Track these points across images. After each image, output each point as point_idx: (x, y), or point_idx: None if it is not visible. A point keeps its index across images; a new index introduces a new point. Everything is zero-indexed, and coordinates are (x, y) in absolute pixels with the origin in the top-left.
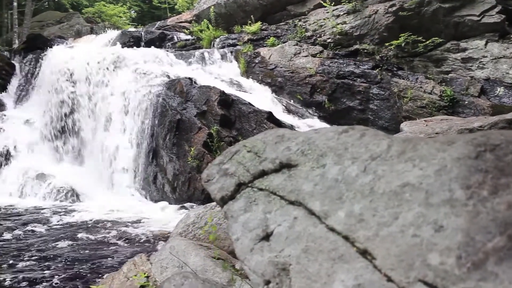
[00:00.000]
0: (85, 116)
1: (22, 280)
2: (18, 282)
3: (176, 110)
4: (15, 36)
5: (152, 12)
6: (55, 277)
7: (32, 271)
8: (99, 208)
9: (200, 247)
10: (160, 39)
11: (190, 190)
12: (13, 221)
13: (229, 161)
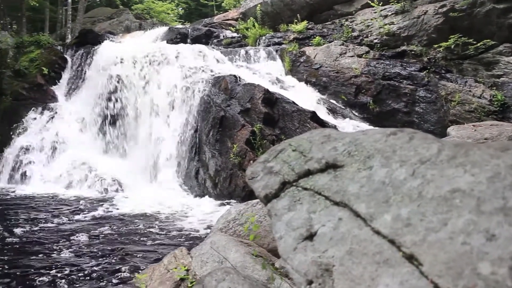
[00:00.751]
0: (131, 110)
1: (67, 268)
2: (63, 269)
3: (220, 106)
4: (68, 31)
5: (199, 9)
6: (99, 266)
7: (77, 258)
8: (141, 200)
9: (240, 243)
10: (207, 36)
11: (231, 186)
12: (59, 209)
13: (274, 160)
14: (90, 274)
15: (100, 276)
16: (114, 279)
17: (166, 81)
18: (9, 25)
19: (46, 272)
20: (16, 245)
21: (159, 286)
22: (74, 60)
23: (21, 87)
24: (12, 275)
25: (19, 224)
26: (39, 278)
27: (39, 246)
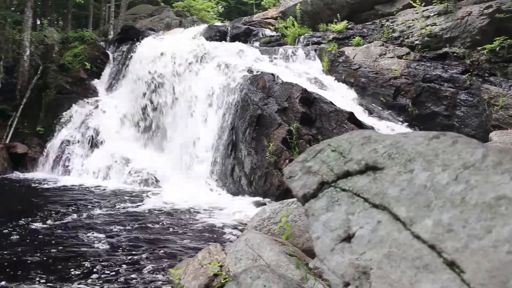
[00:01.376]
0: (169, 105)
1: (102, 258)
2: (97, 259)
3: (258, 105)
4: (111, 27)
5: (238, 7)
6: (133, 258)
7: (112, 250)
8: (177, 195)
9: (275, 242)
10: (246, 35)
11: (266, 185)
12: (97, 201)
13: (313, 159)
14: (124, 266)
15: (134, 268)
16: (148, 272)
17: (205, 79)
18: (55, 21)
19: (81, 262)
20: (55, 233)
21: (193, 281)
22: (116, 56)
23: (64, 81)
24: (49, 261)
25: (59, 213)
26: (74, 267)
27: (76, 235)
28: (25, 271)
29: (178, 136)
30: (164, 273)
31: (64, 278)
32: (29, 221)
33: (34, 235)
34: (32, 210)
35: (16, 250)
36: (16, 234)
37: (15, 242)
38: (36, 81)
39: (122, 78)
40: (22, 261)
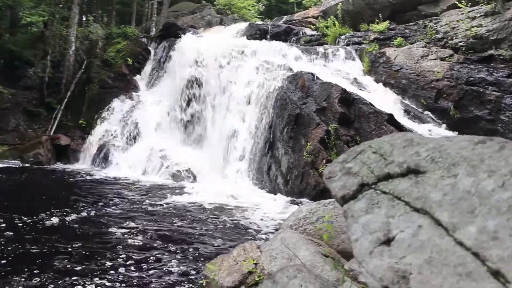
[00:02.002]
0: (208, 102)
1: (137, 251)
2: (133, 253)
3: (296, 104)
4: (153, 24)
5: (279, 6)
6: (169, 252)
7: (147, 243)
8: (213, 192)
9: (310, 242)
10: (286, 33)
11: (302, 184)
12: (134, 194)
13: (353, 160)
14: (160, 260)
15: (169, 262)
16: (183, 267)
17: (244, 76)
18: (100, 18)
19: (116, 254)
20: (92, 224)
21: (227, 277)
22: (157, 52)
23: (107, 76)
24: (85, 252)
25: (97, 205)
26: (109, 258)
27: (112, 227)
28: (58, 259)
29: (216, 133)
30: (199, 268)
31: (99, 269)
32: (67, 211)
33: (71, 224)
34: (71, 200)
35: (52, 239)
36: (54, 222)
37: (52, 230)
38: (80, 76)
39: (163, 74)
40: (56, 250)
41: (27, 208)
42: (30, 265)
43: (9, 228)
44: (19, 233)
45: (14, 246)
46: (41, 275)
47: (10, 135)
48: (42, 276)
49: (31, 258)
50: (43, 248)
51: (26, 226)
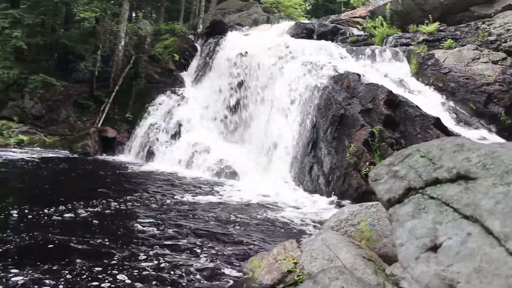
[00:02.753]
0: (252, 100)
1: (176, 246)
2: (170, 247)
3: (341, 104)
4: (200, 21)
5: (326, 5)
6: (208, 248)
7: (186, 238)
8: (254, 189)
9: (351, 244)
10: (332, 33)
11: (344, 186)
12: (176, 188)
13: (400, 164)
14: (198, 255)
15: (209, 258)
16: (222, 263)
17: (289, 75)
18: (149, 14)
19: (152, 247)
20: (132, 214)
21: (266, 275)
22: (204, 49)
23: (154, 71)
24: (121, 244)
25: (136, 195)
26: (145, 251)
27: (150, 220)
28: (93, 248)
29: (259, 131)
30: (238, 264)
31: (134, 261)
32: (108, 201)
33: (109, 214)
34: (112, 190)
35: (90, 227)
36: (92, 211)
37: (91, 218)
38: (128, 70)
39: (208, 71)
40: (92, 238)
41: (70, 196)
42: (66, 253)
43: (52, 214)
44: (60, 219)
45: (53, 232)
46: (77, 264)
47: (60, 126)
48: (77, 266)
49: (68, 246)
50: (79, 237)
51: (66, 212)
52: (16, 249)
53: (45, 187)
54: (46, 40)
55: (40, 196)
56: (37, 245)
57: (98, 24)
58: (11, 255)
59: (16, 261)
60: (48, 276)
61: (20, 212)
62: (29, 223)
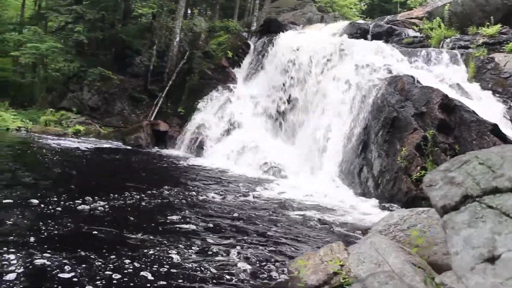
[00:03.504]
0: (304, 99)
1: (225, 242)
2: (218, 244)
3: (394, 107)
4: (254, 19)
5: (382, 5)
6: (254, 246)
7: (232, 234)
8: (301, 188)
9: (401, 249)
10: (388, 34)
11: (394, 190)
12: (224, 184)
13: (457, 170)
14: (243, 253)
15: (253, 256)
16: (267, 261)
17: (342, 76)
18: (204, 11)
19: (196, 242)
20: (178, 206)
21: (312, 275)
22: (256, 47)
23: (207, 68)
24: (165, 236)
25: (183, 189)
26: (188, 245)
27: (196, 214)
28: (131, 238)
29: (309, 130)
30: (283, 263)
31: (177, 255)
32: (153, 193)
33: (153, 205)
34: (160, 182)
35: (139, 216)
36: (147, 200)
37: (137, 207)
38: (182, 66)
39: (260, 69)
40: (137, 228)
41: (117, 185)
42: (101, 241)
43: (94, 202)
44: (103, 208)
45: (92, 220)
46: (109, 254)
47: (115, 118)
48: (108, 256)
49: (105, 235)
50: (116, 227)
51: (116, 200)
52: (51, 235)
53: (95, 175)
54: (105, 35)
55: (88, 183)
56: (73, 232)
57: (155, 20)
58: (43, 240)
59: (47, 246)
60: (74, 262)
61: (66, 198)
62: (71, 210)
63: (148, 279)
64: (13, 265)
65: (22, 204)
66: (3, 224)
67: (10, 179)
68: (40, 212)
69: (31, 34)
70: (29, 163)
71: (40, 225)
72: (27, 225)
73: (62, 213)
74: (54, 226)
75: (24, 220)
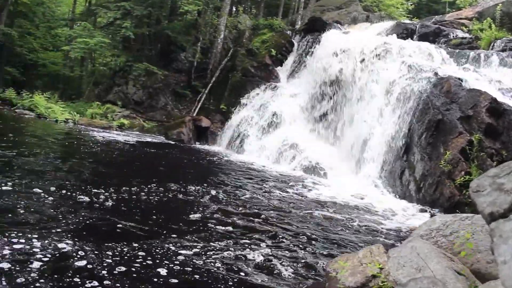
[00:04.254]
0: (346, 99)
1: (262, 239)
2: (257, 238)
3: (439, 109)
4: (299, 17)
5: (429, 5)
6: (291, 245)
7: (272, 231)
8: (341, 189)
9: (443, 256)
10: (435, 34)
11: (436, 194)
12: (263, 181)
13: (507, 176)
14: (281, 251)
15: (291, 254)
16: (304, 259)
17: (386, 76)
18: (249, 9)
19: (230, 239)
20: (215, 203)
21: (350, 277)
22: (300, 45)
23: (250, 65)
24: (208, 228)
25: (223, 185)
26: (227, 244)
27: (233, 210)
28: (164, 231)
29: (351, 131)
30: (320, 263)
31: (214, 250)
32: (198, 187)
33: (193, 200)
34: (200, 177)
35: (182, 209)
36: (183, 194)
37: (177, 200)
38: (226, 63)
39: (304, 67)
40: (178, 221)
41: (155, 177)
42: (133, 232)
43: (129, 192)
44: (148, 198)
45: (124, 211)
46: (138, 245)
47: (158, 112)
48: (137, 247)
49: (137, 225)
50: (149, 219)
51: (153, 194)
52: (76, 223)
53: (135, 168)
54: (151, 30)
55: (126, 175)
56: (100, 222)
57: (200, 17)
58: (68, 229)
59: (71, 234)
60: (94, 251)
61: (105, 188)
62: (101, 199)
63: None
64: (37, 252)
65: (53, 192)
66: (37, 210)
67: (49, 166)
68: (68, 200)
69: (81, 30)
70: (71, 153)
71: (66, 212)
72: (54, 212)
73: (92, 202)
74: (80, 215)
75: (50, 207)
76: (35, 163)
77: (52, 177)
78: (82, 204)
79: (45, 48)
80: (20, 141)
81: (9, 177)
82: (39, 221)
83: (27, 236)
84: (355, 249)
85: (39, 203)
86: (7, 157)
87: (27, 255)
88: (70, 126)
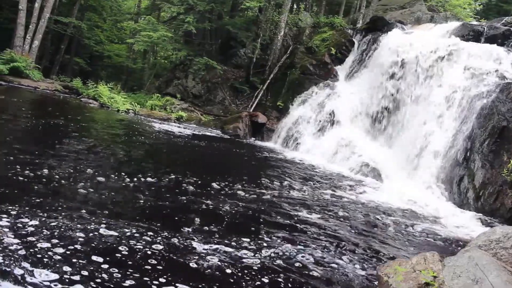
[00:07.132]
0: (406, 102)
1: (311, 239)
2: (306, 237)
3: (504, 116)
4: (361, 16)
5: (499, 6)
6: (341, 248)
7: (321, 231)
8: (396, 193)
9: (503, 269)
10: (504, 37)
11: (496, 204)
12: (319, 181)
13: None
14: (332, 253)
15: (342, 256)
16: (355, 263)
17: (449, 80)
18: (310, 7)
19: (277, 236)
20: (266, 201)
21: (402, 283)
22: (361, 45)
23: (309, 63)
24: (255, 225)
25: (277, 182)
26: (276, 241)
27: (284, 209)
28: (221, 222)
29: (409, 135)
30: (371, 267)
31: (265, 247)
32: (251, 182)
33: (248, 196)
34: (257, 172)
35: (237, 204)
36: (229, 189)
37: (227, 192)
38: (285, 60)
39: (363, 67)
40: (222, 215)
41: (206, 169)
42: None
43: (180, 182)
44: (195, 191)
45: (173, 198)
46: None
47: (216, 107)
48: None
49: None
50: (206, 208)
51: (202, 187)
52: (123, 207)
53: (189, 159)
54: (212, 26)
55: (181, 165)
56: (150, 207)
57: (261, 13)
58: (113, 213)
59: (117, 218)
60: (138, 235)
61: (156, 176)
62: (160, 186)
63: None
64: (82, 236)
65: (106, 175)
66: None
67: (106, 152)
68: (116, 185)
69: (145, 23)
70: (128, 142)
71: (113, 197)
72: (100, 197)
73: (138, 188)
74: (128, 200)
75: (99, 192)
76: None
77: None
78: (124, 188)
79: (110, 41)
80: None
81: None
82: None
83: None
84: (408, 255)
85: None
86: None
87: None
88: (130, 116)
